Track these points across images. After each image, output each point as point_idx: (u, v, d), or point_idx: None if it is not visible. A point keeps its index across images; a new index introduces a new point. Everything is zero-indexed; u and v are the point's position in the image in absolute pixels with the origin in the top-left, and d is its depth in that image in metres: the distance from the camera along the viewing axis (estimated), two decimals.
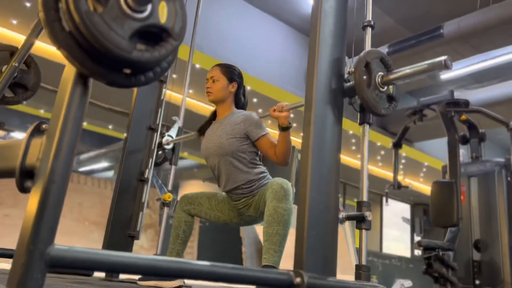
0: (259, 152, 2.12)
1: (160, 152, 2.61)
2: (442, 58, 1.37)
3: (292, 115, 1.97)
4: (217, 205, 2.19)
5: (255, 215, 2.09)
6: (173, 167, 2.61)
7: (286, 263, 1.80)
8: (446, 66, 1.37)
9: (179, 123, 2.67)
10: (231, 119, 2.12)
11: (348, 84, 1.51)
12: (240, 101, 2.23)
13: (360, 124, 1.58)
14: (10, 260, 0.70)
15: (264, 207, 1.92)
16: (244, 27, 7.21)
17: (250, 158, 2.08)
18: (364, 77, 1.48)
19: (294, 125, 2.03)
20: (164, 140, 2.59)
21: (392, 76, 1.50)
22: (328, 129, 1.42)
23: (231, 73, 2.18)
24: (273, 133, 2.06)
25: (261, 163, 2.15)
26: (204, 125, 2.28)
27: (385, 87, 1.52)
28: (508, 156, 4.11)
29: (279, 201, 1.81)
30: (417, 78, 1.51)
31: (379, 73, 1.51)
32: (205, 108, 6.29)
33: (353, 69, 1.49)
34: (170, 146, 2.60)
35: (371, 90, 1.47)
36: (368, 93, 1.46)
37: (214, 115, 2.26)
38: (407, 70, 1.48)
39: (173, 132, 2.63)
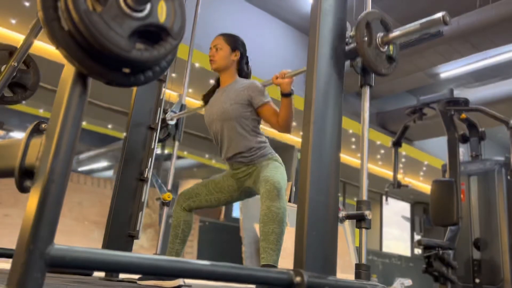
0: (261, 121, 2.14)
1: (163, 128, 2.64)
2: (440, 14, 1.39)
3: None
4: (215, 187, 2.18)
5: (253, 187, 2.09)
6: (176, 143, 2.62)
7: (286, 262, 1.80)
8: (444, 22, 1.38)
9: (182, 99, 2.69)
10: (235, 86, 2.14)
11: (350, 46, 1.54)
12: (243, 70, 2.25)
13: (361, 86, 1.61)
14: (10, 260, 0.69)
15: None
16: (243, 26, 7.20)
17: (253, 126, 2.09)
18: (365, 37, 1.50)
19: (294, 124, 2.04)
20: (167, 115, 2.61)
21: (392, 36, 1.53)
22: (328, 131, 1.42)
23: (235, 42, 2.21)
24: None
25: (262, 133, 2.16)
26: (207, 93, 2.29)
27: (385, 47, 1.55)
28: (508, 154, 4.11)
29: (273, 200, 1.83)
30: (417, 36, 1.52)
31: (379, 34, 1.54)
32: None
33: (354, 33, 1.52)
34: (173, 122, 2.62)
35: (372, 49, 1.50)
36: (369, 52, 1.49)
37: (217, 84, 2.28)
38: (406, 28, 1.50)
39: (176, 108, 2.65)
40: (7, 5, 4.90)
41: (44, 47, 4.85)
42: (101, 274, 2.41)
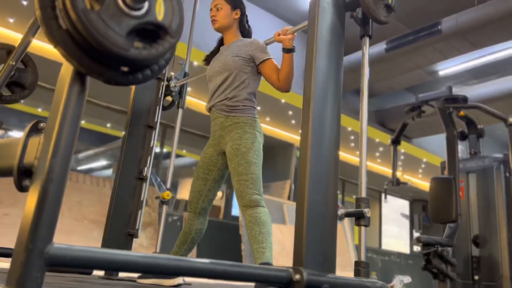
0: (258, 86, 2.15)
1: (167, 95, 2.66)
2: None
3: (290, 112, 1.97)
4: (204, 171, 2.12)
5: (228, 155, 2.01)
6: (180, 111, 2.64)
7: (285, 261, 1.80)
8: None
9: (185, 67, 2.71)
10: (238, 43, 2.16)
11: None
12: (244, 28, 2.28)
13: (361, 37, 1.67)
14: (10, 259, 0.69)
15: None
16: None
17: (248, 83, 2.08)
18: None
19: (293, 122, 2.03)
20: (171, 82, 2.64)
21: None
22: (327, 129, 1.42)
23: (234, 0, 2.22)
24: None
25: (255, 101, 2.13)
26: (211, 53, 2.31)
27: None
28: (507, 152, 4.11)
29: (252, 208, 1.89)
30: None
31: None
32: (203, 107, 6.27)
33: None
34: (177, 89, 2.65)
35: None
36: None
37: (220, 44, 2.29)
38: None
39: (180, 75, 2.68)
40: (5, 4, 4.89)
41: (42, 46, 4.84)
42: (101, 273, 2.41)
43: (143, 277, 2.09)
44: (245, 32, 2.29)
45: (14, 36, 5.07)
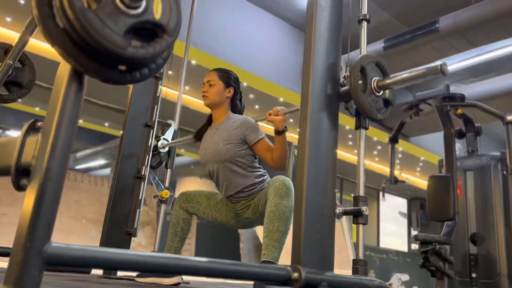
0: (257, 156, 2.12)
1: (155, 155, 2.60)
2: (438, 63, 1.37)
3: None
4: (215, 205, 2.18)
5: (252, 217, 2.09)
6: (168, 170, 2.59)
7: (284, 259, 1.81)
8: (442, 72, 1.35)
9: (174, 126, 2.65)
10: (228, 125, 2.11)
11: (344, 88, 1.50)
12: (236, 106, 2.23)
13: (356, 128, 1.57)
14: (8, 259, 0.69)
15: (263, 208, 1.92)
16: (240, 22, 7.18)
17: (249, 162, 2.07)
18: (360, 81, 1.46)
19: (291, 121, 2.04)
20: (159, 143, 2.57)
21: (387, 81, 1.49)
22: (324, 128, 1.42)
23: (228, 78, 2.18)
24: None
25: (260, 166, 2.14)
26: (200, 129, 2.27)
27: (381, 92, 1.50)
28: (504, 150, 4.12)
29: (281, 198, 1.82)
30: (413, 83, 1.50)
31: (375, 78, 1.49)
32: (202, 105, 6.27)
33: (348, 74, 1.47)
34: (165, 150, 2.59)
35: (367, 95, 1.45)
36: (363, 98, 1.44)
37: (210, 120, 2.25)
38: (403, 75, 1.46)
39: (168, 135, 2.61)
40: (2, 3, 4.87)
41: (39, 45, 4.82)
42: (99, 272, 2.41)
43: (142, 276, 2.09)
44: (237, 110, 2.23)
45: (11, 35, 5.04)
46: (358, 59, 1.50)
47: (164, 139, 2.59)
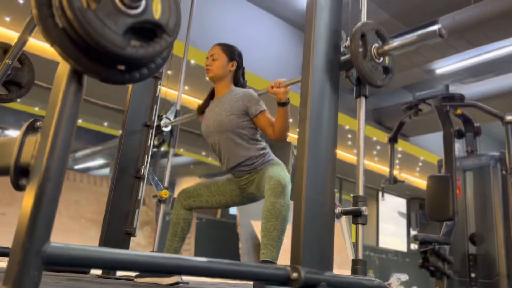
0: (259, 129, 2.13)
1: (158, 134, 2.63)
2: (436, 26, 1.38)
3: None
4: (217, 189, 2.18)
5: (256, 193, 2.10)
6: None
7: (283, 259, 1.81)
8: (440, 35, 1.37)
9: (176, 106, 2.68)
10: (230, 97, 2.12)
11: (345, 56, 1.53)
12: (239, 81, 2.24)
13: (356, 97, 1.59)
14: (7, 258, 0.69)
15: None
16: (239, 22, 7.18)
17: (251, 134, 2.08)
18: (360, 49, 1.49)
19: (291, 121, 2.04)
20: (162, 122, 2.60)
21: (387, 47, 1.52)
22: (324, 123, 1.42)
23: (231, 52, 2.20)
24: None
25: (262, 139, 2.14)
26: (202, 104, 2.28)
27: (381, 59, 1.53)
28: (503, 150, 4.13)
29: (277, 197, 1.82)
30: (413, 48, 1.50)
31: (375, 45, 1.52)
32: None
33: (349, 43, 1.50)
34: (168, 128, 2.61)
35: (367, 61, 1.49)
36: (364, 64, 1.47)
37: (212, 94, 2.26)
38: (402, 40, 1.49)
39: (171, 115, 2.64)
40: (1, 2, 4.87)
41: (39, 45, 4.82)
42: (98, 272, 2.41)
43: (141, 276, 2.09)
44: (239, 84, 2.24)
45: (10, 35, 5.04)
46: (359, 25, 1.53)
47: (167, 117, 2.62)
